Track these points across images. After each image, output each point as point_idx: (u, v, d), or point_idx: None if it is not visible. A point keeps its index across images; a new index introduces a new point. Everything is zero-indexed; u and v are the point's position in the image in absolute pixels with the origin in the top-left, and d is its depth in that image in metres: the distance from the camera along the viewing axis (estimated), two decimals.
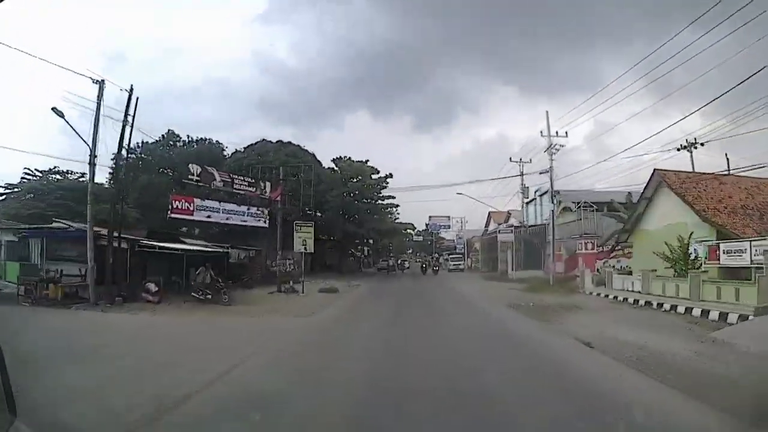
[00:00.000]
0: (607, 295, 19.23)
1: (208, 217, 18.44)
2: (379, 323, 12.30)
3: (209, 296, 17.47)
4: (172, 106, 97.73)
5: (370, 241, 51.14)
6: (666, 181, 19.85)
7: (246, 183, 19.85)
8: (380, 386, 6.10)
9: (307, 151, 33.16)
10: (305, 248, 20.78)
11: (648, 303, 16.40)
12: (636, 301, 17.11)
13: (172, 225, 30.37)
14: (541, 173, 25.81)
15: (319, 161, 33.72)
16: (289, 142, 33.32)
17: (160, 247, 17.29)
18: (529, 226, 32.67)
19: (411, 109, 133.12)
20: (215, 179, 18.50)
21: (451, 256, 51.95)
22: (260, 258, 30.52)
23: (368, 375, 6.71)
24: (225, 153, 36.67)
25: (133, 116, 17.39)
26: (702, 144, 29.78)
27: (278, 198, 21.46)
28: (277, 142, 33.31)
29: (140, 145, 39.38)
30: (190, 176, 17.69)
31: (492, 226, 59.34)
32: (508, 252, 31.48)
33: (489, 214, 63.76)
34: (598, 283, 23.14)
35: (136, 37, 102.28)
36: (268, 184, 21.08)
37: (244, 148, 32.79)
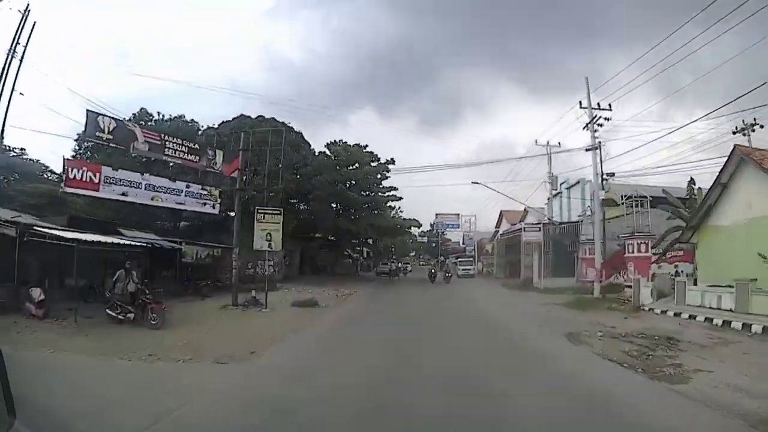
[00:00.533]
0: (693, 316, 13.73)
1: (123, 194, 12.88)
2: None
3: (131, 315, 12.05)
4: (174, 104, 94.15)
5: (370, 242, 45.58)
6: (752, 160, 14.63)
7: (185, 148, 14.22)
8: None
9: (292, 128, 27.80)
10: (270, 245, 15.32)
11: None
12: (747, 327, 11.71)
13: (131, 213, 25.16)
14: (587, 150, 20.26)
15: (307, 142, 28.36)
16: (272, 118, 27.89)
17: (51, 237, 11.86)
18: (559, 224, 27.02)
19: (417, 109, 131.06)
20: (137, 139, 12.95)
21: (459, 259, 46.13)
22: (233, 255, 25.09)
23: None
24: (201, 132, 31.48)
25: (26, 47, 12.06)
26: (761, 126, 24.41)
27: (233, 174, 15.88)
28: (257, 117, 27.86)
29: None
30: (98, 134, 12.20)
31: (504, 226, 53.61)
32: (534, 255, 25.85)
33: (501, 213, 58.09)
34: (659, 296, 18.01)
35: (141, 34, 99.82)
36: (219, 153, 15.46)
37: (219, 124, 27.35)
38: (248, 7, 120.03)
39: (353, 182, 33.59)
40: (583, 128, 22.77)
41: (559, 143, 28.88)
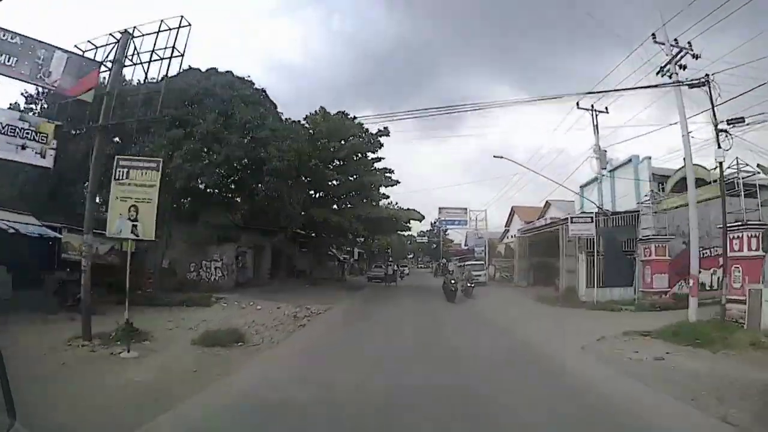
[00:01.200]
0: None
1: None
2: None
3: None
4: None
5: (360, 240, 38.71)
6: None
7: None
8: None
9: (252, 83, 20.93)
10: (135, 228, 8.34)
11: None
12: None
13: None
14: (691, 86, 13.74)
15: (273, 103, 21.50)
16: (229, 72, 21.09)
17: None
18: (612, 214, 20.30)
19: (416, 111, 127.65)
20: None
21: (467, 262, 39.23)
22: (156, 255, 18.27)
23: None
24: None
25: None
26: None
27: (84, 95, 8.94)
28: (208, 70, 21.11)
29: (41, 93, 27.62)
30: None
31: (516, 225, 47.00)
32: (579, 257, 19.08)
33: (512, 209, 51.49)
34: None
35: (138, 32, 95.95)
36: (60, 56, 8.33)
37: (160, 79, 20.42)
38: (248, 7, 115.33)
39: (339, 162, 26.86)
40: (658, 73, 16.20)
41: (606, 108, 22.30)
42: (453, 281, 20.86)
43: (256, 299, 15.85)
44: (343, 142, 26.20)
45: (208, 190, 21.03)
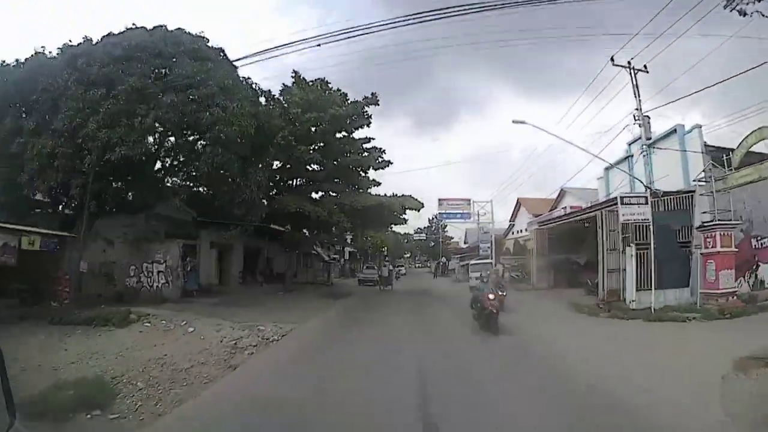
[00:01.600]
0: None
1: None
2: None
3: None
4: None
5: (347, 236, 34.58)
6: None
7: None
8: None
9: (206, 39, 16.73)
10: None
11: None
12: None
13: None
14: None
15: (233, 65, 17.30)
16: (179, 29, 16.89)
17: None
18: (663, 195, 16.28)
19: (411, 110, 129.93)
20: None
21: (471, 261, 35.17)
22: (74, 253, 14.01)
23: None
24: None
25: None
26: None
27: None
28: (154, 27, 16.91)
29: None
30: None
31: (523, 218, 43.06)
32: (627, 251, 15.02)
33: (518, 201, 47.49)
34: None
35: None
36: None
37: (98, 40, 16.23)
38: (245, 4, 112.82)
39: (320, 144, 22.75)
40: (726, 7, 12.28)
41: (645, 66, 18.42)
42: (491, 296, 11.40)
43: (197, 315, 11.66)
44: (322, 114, 21.84)
45: (159, 173, 16.88)
